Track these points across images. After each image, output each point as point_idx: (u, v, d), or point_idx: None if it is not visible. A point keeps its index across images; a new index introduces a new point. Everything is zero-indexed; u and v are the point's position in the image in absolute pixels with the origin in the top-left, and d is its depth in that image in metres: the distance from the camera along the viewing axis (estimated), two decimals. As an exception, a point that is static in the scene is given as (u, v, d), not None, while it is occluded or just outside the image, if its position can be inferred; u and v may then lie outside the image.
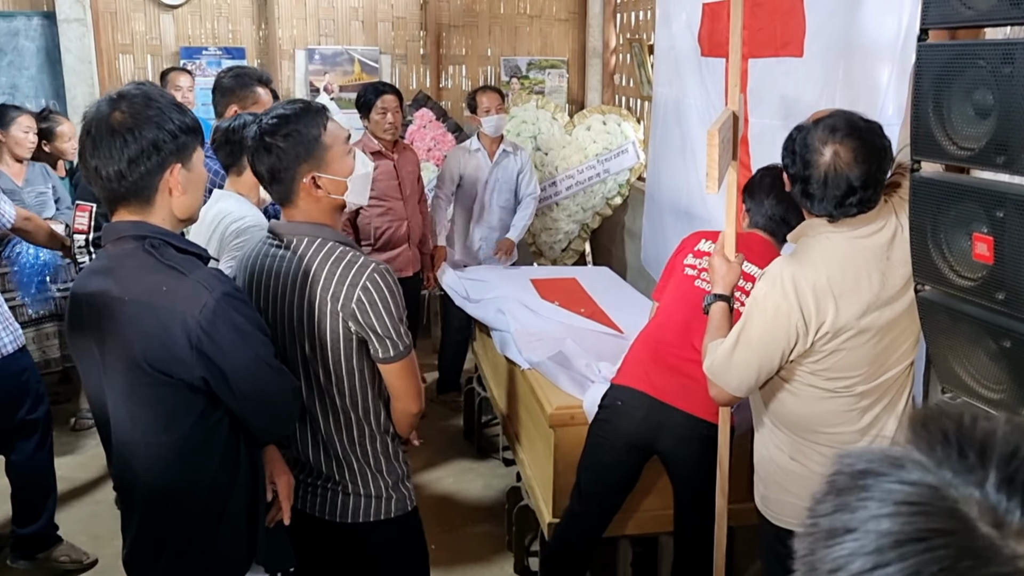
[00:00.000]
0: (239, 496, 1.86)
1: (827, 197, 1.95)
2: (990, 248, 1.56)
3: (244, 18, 5.74)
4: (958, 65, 1.58)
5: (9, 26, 5.43)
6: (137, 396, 1.76)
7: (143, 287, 1.71)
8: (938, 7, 1.61)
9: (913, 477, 0.56)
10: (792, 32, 3.01)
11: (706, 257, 2.60)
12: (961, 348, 1.73)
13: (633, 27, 5.71)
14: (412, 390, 2.06)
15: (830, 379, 2.08)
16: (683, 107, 4.20)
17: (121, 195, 1.74)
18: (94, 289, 1.76)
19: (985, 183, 1.59)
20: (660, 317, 2.68)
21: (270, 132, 1.95)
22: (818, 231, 2.05)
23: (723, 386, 2.11)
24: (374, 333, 1.96)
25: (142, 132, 1.69)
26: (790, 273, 2.01)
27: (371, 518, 2.10)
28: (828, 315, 1.99)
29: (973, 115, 1.57)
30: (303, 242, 2.00)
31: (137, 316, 1.70)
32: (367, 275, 1.93)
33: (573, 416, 2.89)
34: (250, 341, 1.76)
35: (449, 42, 6.06)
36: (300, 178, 1.97)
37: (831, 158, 1.93)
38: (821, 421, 2.12)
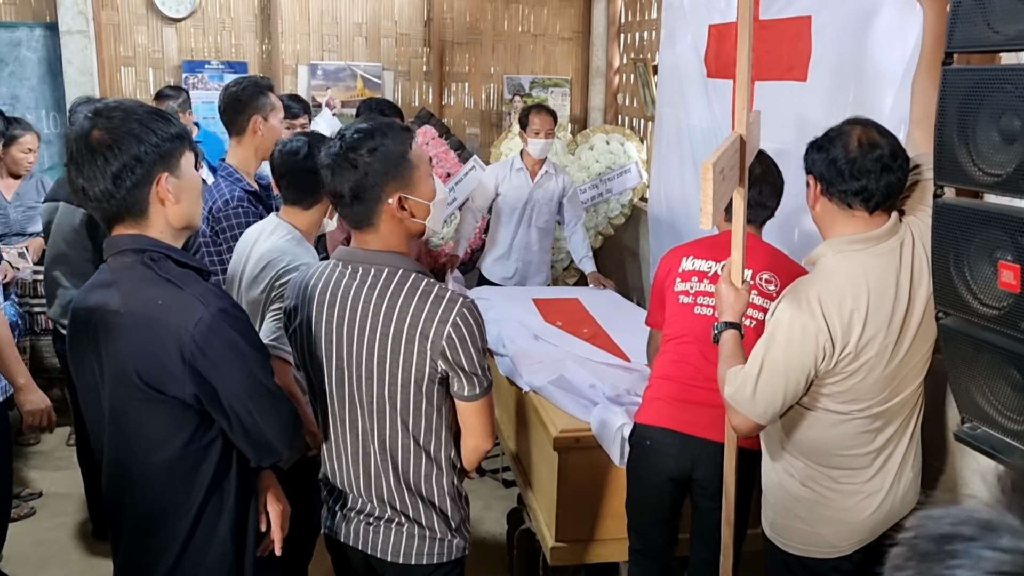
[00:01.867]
0: (228, 521, 1.81)
1: (862, 169, 1.97)
2: (1016, 276, 1.53)
3: (247, 32, 5.73)
4: (984, 90, 1.56)
5: (11, 36, 5.40)
6: (130, 412, 1.72)
7: (139, 300, 1.67)
8: (964, 31, 1.59)
9: (1005, 543, 0.53)
10: (798, 56, 3.00)
11: (695, 278, 2.58)
12: (983, 378, 1.70)
13: (637, 47, 5.70)
14: (488, 427, 1.99)
15: (846, 402, 2.05)
16: (687, 128, 4.19)
17: (114, 213, 1.71)
18: (93, 303, 1.73)
19: (1012, 209, 1.57)
20: (672, 353, 2.61)
21: (354, 147, 1.84)
22: (839, 249, 2.03)
23: (748, 414, 2.05)
24: (461, 370, 1.88)
25: (122, 147, 1.65)
26: (816, 292, 1.99)
27: (433, 560, 2.01)
28: (853, 334, 1.96)
29: (1000, 141, 1.54)
30: (383, 273, 1.90)
31: (132, 329, 1.67)
32: (456, 311, 1.84)
33: (579, 439, 2.85)
34: (245, 359, 1.72)
35: (452, 59, 6.05)
36: (386, 198, 1.86)
37: (860, 132, 2.00)
38: (836, 444, 2.09)
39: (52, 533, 3.75)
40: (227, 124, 3.06)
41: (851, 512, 2.10)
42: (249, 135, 3.03)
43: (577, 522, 2.92)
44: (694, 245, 2.68)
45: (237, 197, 2.89)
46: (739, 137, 2.14)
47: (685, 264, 2.61)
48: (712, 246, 2.64)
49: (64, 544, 3.65)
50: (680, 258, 2.64)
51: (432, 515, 2.00)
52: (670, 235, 4.37)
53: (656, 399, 2.60)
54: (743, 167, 2.17)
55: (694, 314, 2.57)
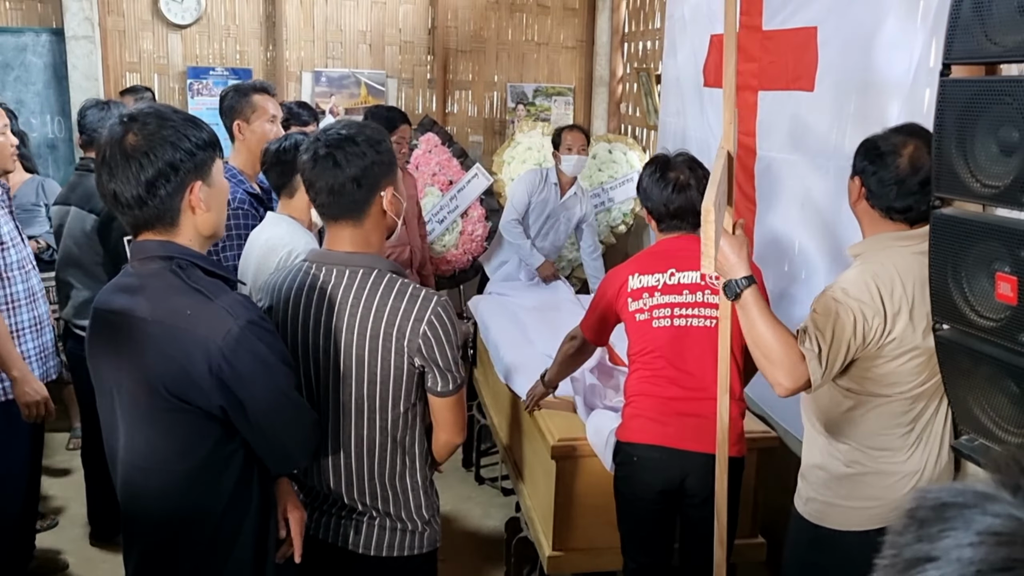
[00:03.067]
0: (248, 529, 1.80)
1: (909, 189, 1.99)
2: (1013, 288, 1.53)
3: (252, 39, 5.75)
4: (983, 101, 1.56)
5: (17, 42, 5.42)
6: (153, 420, 1.71)
7: (167, 309, 1.66)
8: (962, 42, 1.59)
9: (998, 509, 0.58)
10: (805, 67, 3.00)
11: (646, 294, 2.59)
12: (980, 390, 1.69)
13: (640, 56, 5.71)
14: (460, 422, 2.05)
15: (888, 385, 2.05)
16: (687, 138, 4.20)
17: (145, 220, 1.69)
18: (118, 307, 1.72)
19: (1009, 222, 1.56)
20: (643, 370, 2.61)
21: (355, 141, 1.90)
22: (884, 244, 2.05)
23: (814, 377, 1.96)
24: (436, 367, 1.93)
25: (157, 154, 1.63)
26: (871, 277, 2.00)
27: (404, 552, 2.05)
28: (901, 321, 1.98)
29: (998, 152, 1.54)
30: (359, 273, 1.93)
31: (159, 338, 1.65)
32: (431, 309, 1.89)
33: (576, 448, 2.85)
34: (272, 372, 1.72)
35: (456, 67, 6.06)
36: (380, 191, 1.93)
37: (912, 149, 2.01)
38: (879, 425, 2.10)
39: (50, 537, 3.74)
40: (227, 131, 3.11)
41: (891, 489, 2.10)
42: (238, 140, 3.09)
43: (574, 531, 2.92)
44: (635, 263, 2.69)
45: (239, 199, 2.92)
46: (727, 154, 2.10)
47: (632, 283, 2.61)
48: (653, 259, 2.65)
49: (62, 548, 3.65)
50: (625, 278, 2.63)
51: (405, 508, 2.04)
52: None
53: (637, 416, 2.59)
54: (730, 183, 2.15)
55: (653, 328, 2.58)
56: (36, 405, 2.84)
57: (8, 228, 2.88)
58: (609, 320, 2.71)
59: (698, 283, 2.55)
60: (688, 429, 2.51)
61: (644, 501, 2.61)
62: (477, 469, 4.41)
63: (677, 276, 2.57)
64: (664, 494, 2.58)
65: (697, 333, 2.54)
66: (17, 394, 2.81)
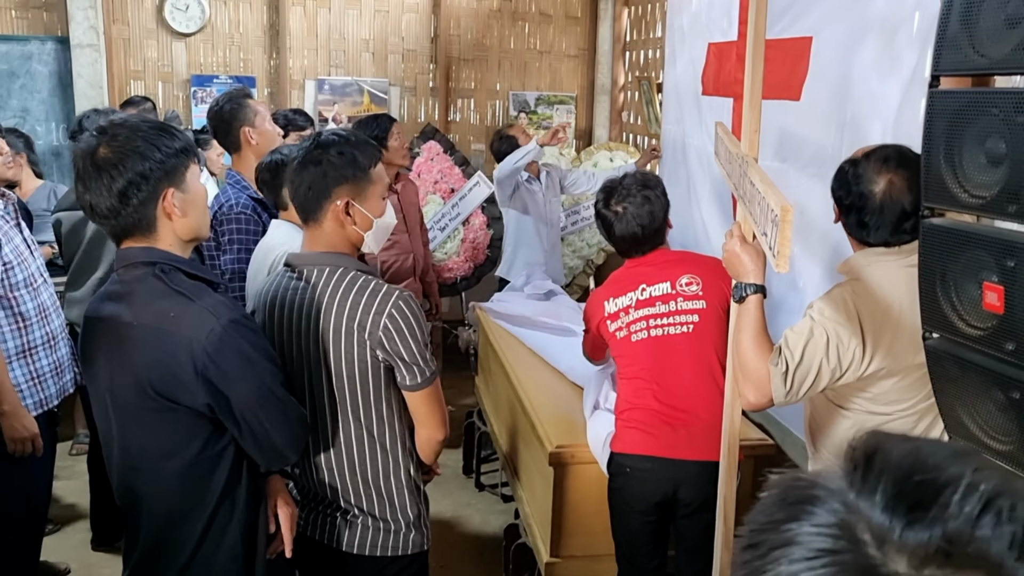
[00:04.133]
0: (238, 524, 1.85)
1: (883, 224, 1.99)
2: (1000, 298, 1.54)
3: (256, 47, 5.79)
4: (970, 113, 1.57)
5: (23, 50, 5.47)
6: (144, 421, 1.76)
7: (151, 312, 1.71)
8: (950, 54, 1.60)
9: (829, 502, 0.59)
10: (797, 77, 3.02)
11: (622, 314, 2.63)
12: (969, 398, 1.70)
13: (642, 65, 5.74)
14: (438, 417, 2.07)
15: (888, 403, 2.03)
16: (687, 145, 4.23)
17: (122, 229, 1.75)
18: (106, 314, 1.77)
19: (996, 232, 1.57)
20: (630, 384, 2.65)
21: (324, 146, 1.97)
22: (871, 259, 2.03)
23: (775, 395, 1.98)
24: (401, 360, 1.96)
25: (127, 165, 1.68)
26: (853, 298, 1.98)
27: (388, 552, 2.08)
28: (884, 342, 1.95)
29: (985, 163, 1.55)
30: (324, 272, 1.99)
31: (145, 341, 1.70)
32: (392, 302, 1.93)
33: (574, 455, 2.86)
34: (256, 369, 1.76)
35: (458, 76, 6.10)
36: (335, 199, 1.97)
37: (886, 186, 1.98)
38: None
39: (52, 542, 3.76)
40: (223, 144, 3.13)
41: None
42: (245, 146, 3.09)
43: (572, 538, 2.93)
44: (608, 287, 2.75)
45: (242, 203, 2.95)
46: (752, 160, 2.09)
47: (609, 307, 2.67)
48: (623, 282, 2.70)
49: (64, 554, 3.67)
50: (602, 303, 2.70)
51: (388, 508, 2.07)
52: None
53: (629, 428, 2.62)
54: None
55: (633, 343, 2.62)
56: (23, 442, 2.77)
57: (13, 246, 2.80)
58: (598, 344, 2.81)
59: (669, 293, 2.60)
60: (678, 438, 2.53)
61: (638, 511, 2.63)
62: (477, 476, 4.42)
63: (648, 290, 2.62)
64: (658, 504, 2.60)
65: (675, 340, 2.57)
66: (5, 427, 2.73)
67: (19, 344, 2.82)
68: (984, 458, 0.60)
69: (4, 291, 2.77)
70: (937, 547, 0.53)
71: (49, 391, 2.94)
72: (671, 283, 2.61)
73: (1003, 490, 0.55)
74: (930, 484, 0.56)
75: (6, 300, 2.78)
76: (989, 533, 0.53)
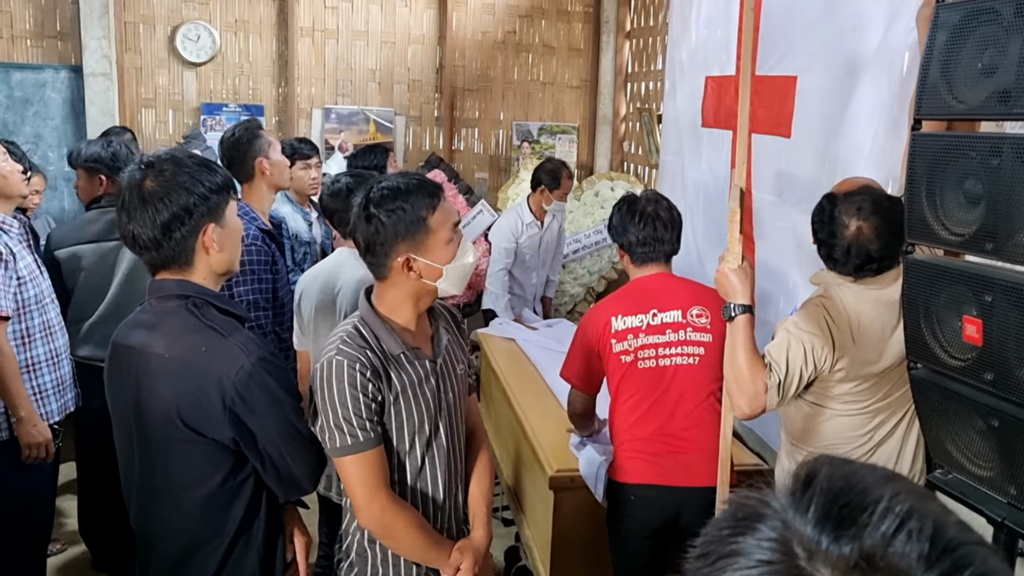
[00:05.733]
0: (256, 555, 1.90)
1: (848, 263, 2.20)
2: (979, 330, 1.62)
3: (265, 76, 5.91)
4: (950, 155, 1.66)
5: (37, 78, 5.59)
6: (169, 450, 1.80)
7: (183, 346, 1.76)
8: (931, 100, 1.70)
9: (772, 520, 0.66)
10: (786, 114, 3.12)
11: (631, 335, 2.64)
12: (952, 426, 1.78)
13: (643, 96, 5.85)
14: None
15: (848, 402, 2.26)
16: (685, 176, 4.31)
17: (162, 261, 1.81)
18: (135, 342, 1.82)
19: (975, 267, 1.66)
20: (630, 412, 2.66)
21: (376, 203, 1.89)
22: (839, 281, 2.26)
23: (770, 404, 2.19)
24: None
25: (172, 199, 1.75)
26: (825, 311, 2.22)
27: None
28: (848, 352, 2.19)
29: (964, 202, 1.64)
30: None
31: (176, 374, 1.75)
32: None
33: (573, 479, 2.92)
34: (281, 406, 1.81)
35: (463, 105, 6.21)
36: (396, 256, 1.90)
37: (855, 231, 2.17)
38: (835, 433, 2.29)
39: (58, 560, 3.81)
40: (235, 173, 3.15)
41: None
42: (259, 176, 3.16)
43: (572, 561, 2.98)
44: (615, 303, 2.72)
45: (252, 235, 3.00)
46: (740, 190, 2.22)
47: (616, 324, 2.65)
48: (633, 299, 2.70)
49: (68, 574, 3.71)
50: (608, 318, 2.67)
51: None
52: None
53: (632, 457, 2.65)
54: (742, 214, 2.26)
55: (639, 369, 2.63)
56: (38, 447, 2.89)
57: (26, 263, 2.92)
58: (595, 365, 2.72)
59: (679, 321, 2.63)
60: (678, 466, 2.59)
61: (639, 537, 2.67)
62: (478, 500, 4.46)
63: (660, 316, 2.63)
64: (659, 533, 2.65)
65: (681, 371, 2.61)
66: (21, 434, 2.85)
67: (23, 359, 2.91)
68: (908, 483, 0.67)
69: (16, 306, 2.86)
70: (855, 561, 0.60)
71: (50, 407, 3.02)
72: (682, 312, 2.63)
73: (916, 511, 0.62)
74: (856, 504, 0.63)
75: (16, 316, 2.88)
76: (901, 549, 0.60)
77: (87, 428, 3.04)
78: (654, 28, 5.67)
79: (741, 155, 2.25)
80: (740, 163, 2.25)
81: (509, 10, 6.15)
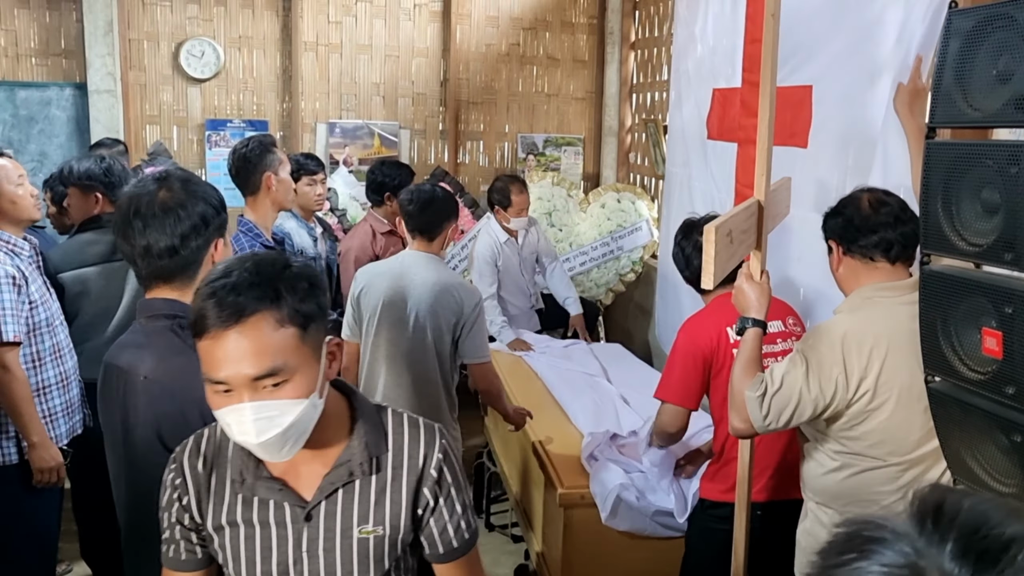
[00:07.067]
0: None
1: (873, 225, 2.11)
2: (999, 343, 1.58)
3: (269, 92, 5.90)
4: (966, 164, 1.62)
5: (42, 96, 5.59)
6: (154, 472, 1.78)
7: (166, 368, 1.75)
8: (945, 108, 1.66)
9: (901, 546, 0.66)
10: (801, 124, 3.08)
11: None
12: (972, 440, 1.74)
13: (648, 107, 5.83)
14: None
15: (874, 444, 2.07)
16: (692, 188, 4.28)
17: (169, 271, 1.80)
18: (123, 363, 1.81)
19: (994, 278, 1.62)
20: None
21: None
22: (865, 296, 2.12)
23: (753, 420, 2.06)
24: None
25: (191, 208, 1.78)
26: (839, 330, 2.08)
27: None
28: (871, 373, 2.03)
29: (981, 212, 1.61)
30: None
31: (159, 396, 1.74)
32: None
33: (584, 496, 2.88)
34: None
35: (468, 118, 6.20)
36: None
37: (868, 196, 2.15)
38: (863, 489, 2.11)
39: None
40: (241, 185, 3.16)
41: None
42: (264, 191, 3.14)
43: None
44: (719, 313, 2.62)
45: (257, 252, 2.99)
46: (757, 203, 2.20)
47: (733, 334, 2.53)
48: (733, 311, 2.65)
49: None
50: (723, 328, 2.58)
51: None
52: (673, 294, 4.43)
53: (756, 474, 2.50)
54: (760, 231, 2.22)
55: None
56: (50, 472, 2.87)
57: (37, 286, 2.88)
58: (702, 378, 2.60)
59: (783, 331, 2.62)
60: (774, 480, 2.58)
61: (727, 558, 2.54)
62: (487, 516, 4.43)
63: (768, 326, 2.58)
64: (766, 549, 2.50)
65: None
66: (33, 459, 2.83)
67: (33, 383, 2.88)
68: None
69: (28, 329, 2.84)
70: None
71: (60, 430, 2.98)
72: (782, 322, 2.63)
73: None
74: (995, 539, 0.64)
75: (26, 339, 2.85)
76: None
77: (82, 450, 3.02)
78: (659, 39, 5.65)
79: (760, 167, 2.21)
80: (760, 175, 2.22)
81: (513, 22, 6.14)
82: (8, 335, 2.73)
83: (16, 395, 2.77)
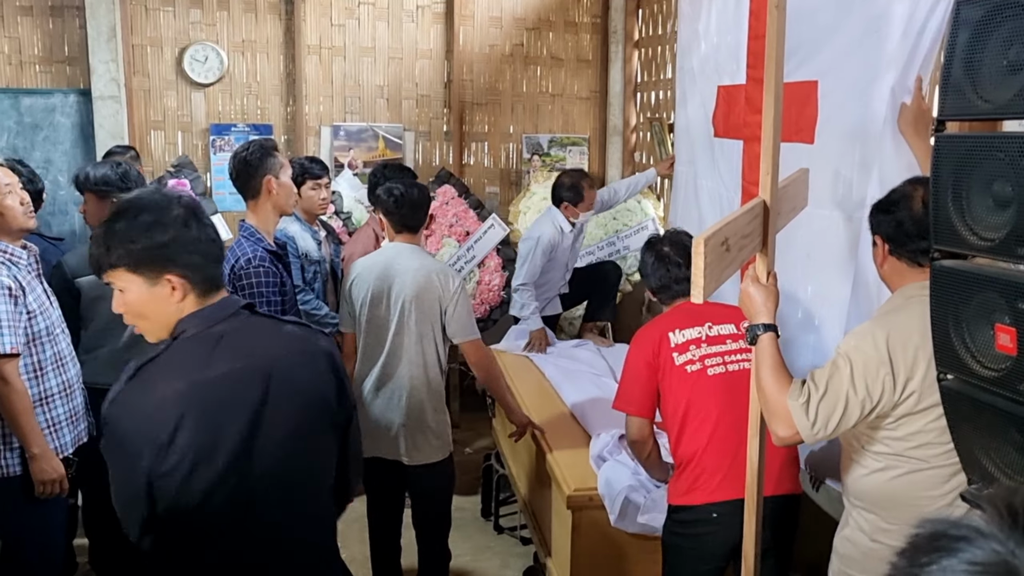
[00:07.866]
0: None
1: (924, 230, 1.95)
2: (1013, 339, 1.55)
3: (273, 96, 5.89)
4: (976, 156, 1.59)
5: (46, 103, 5.59)
6: (314, 444, 1.92)
7: (284, 342, 1.92)
8: (955, 99, 1.63)
9: (988, 544, 0.66)
10: (807, 119, 3.05)
11: (693, 346, 2.59)
12: (985, 438, 1.70)
13: (653, 106, 5.80)
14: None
15: (920, 446, 2.01)
16: (699, 187, 4.26)
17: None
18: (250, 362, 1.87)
19: (1007, 273, 1.58)
20: (706, 426, 2.56)
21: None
22: (909, 295, 2.05)
23: (800, 430, 1.98)
24: None
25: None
26: (884, 330, 2.00)
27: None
28: (918, 372, 1.96)
29: (992, 206, 1.57)
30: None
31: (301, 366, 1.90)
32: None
33: (592, 498, 2.86)
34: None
35: (472, 119, 6.18)
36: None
37: (924, 194, 1.99)
38: (907, 493, 2.04)
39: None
40: (241, 189, 3.12)
41: None
42: (264, 195, 3.11)
43: (592, 581, 2.92)
44: (668, 321, 2.68)
45: (259, 256, 2.97)
46: (762, 204, 2.12)
47: (675, 338, 2.60)
48: (685, 316, 2.67)
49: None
50: (665, 333, 2.62)
51: None
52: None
53: (711, 473, 2.54)
54: (766, 232, 2.13)
55: (708, 376, 2.57)
56: (51, 483, 2.85)
57: (36, 295, 2.86)
58: (650, 385, 2.64)
59: (736, 333, 2.60)
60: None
61: (716, 557, 2.57)
62: (496, 519, 4.41)
63: (716, 328, 2.60)
64: (734, 550, 2.48)
65: (746, 377, 2.50)
66: (34, 471, 2.81)
67: (36, 392, 2.86)
68: None
69: (27, 339, 2.81)
70: None
71: (64, 439, 2.96)
72: (735, 325, 2.62)
73: None
74: None
75: (27, 348, 2.83)
76: None
77: (88, 458, 2.98)
78: (663, 37, 5.62)
79: (766, 166, 2.14)
80: (765, 174, 2.15)
81: (516, 23, 6.12)
82: (5, 347, 2.71)
83: (15, 407, 2.75)
